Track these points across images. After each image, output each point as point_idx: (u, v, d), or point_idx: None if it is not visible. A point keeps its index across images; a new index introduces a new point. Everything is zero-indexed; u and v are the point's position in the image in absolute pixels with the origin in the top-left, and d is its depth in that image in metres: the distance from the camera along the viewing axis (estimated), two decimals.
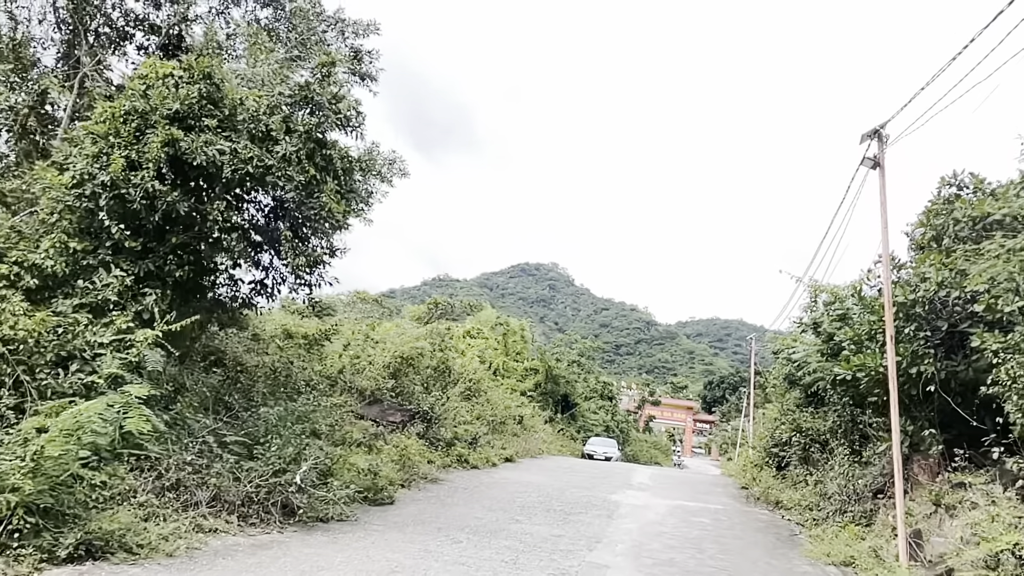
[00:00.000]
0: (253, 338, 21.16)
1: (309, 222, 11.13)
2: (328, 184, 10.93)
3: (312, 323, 28.32)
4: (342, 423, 16.49)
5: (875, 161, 12.60)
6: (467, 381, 26.99)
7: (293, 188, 10.56)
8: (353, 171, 11.81)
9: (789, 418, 20.61)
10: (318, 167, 10.89)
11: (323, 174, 11.08)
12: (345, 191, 11.77)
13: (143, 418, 8.49)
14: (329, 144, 11.11)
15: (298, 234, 11.61)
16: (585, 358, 55.45)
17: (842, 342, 15.57)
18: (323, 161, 11.02)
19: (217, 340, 19.51)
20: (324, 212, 10.78)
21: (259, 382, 15.45)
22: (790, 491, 18.29)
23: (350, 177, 11.81)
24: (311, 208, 10.86)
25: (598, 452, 40.72)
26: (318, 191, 10.86)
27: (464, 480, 17.72)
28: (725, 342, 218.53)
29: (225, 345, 19.03)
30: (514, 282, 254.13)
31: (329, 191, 10.85)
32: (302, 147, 10.65)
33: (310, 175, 10.66)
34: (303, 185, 10.69)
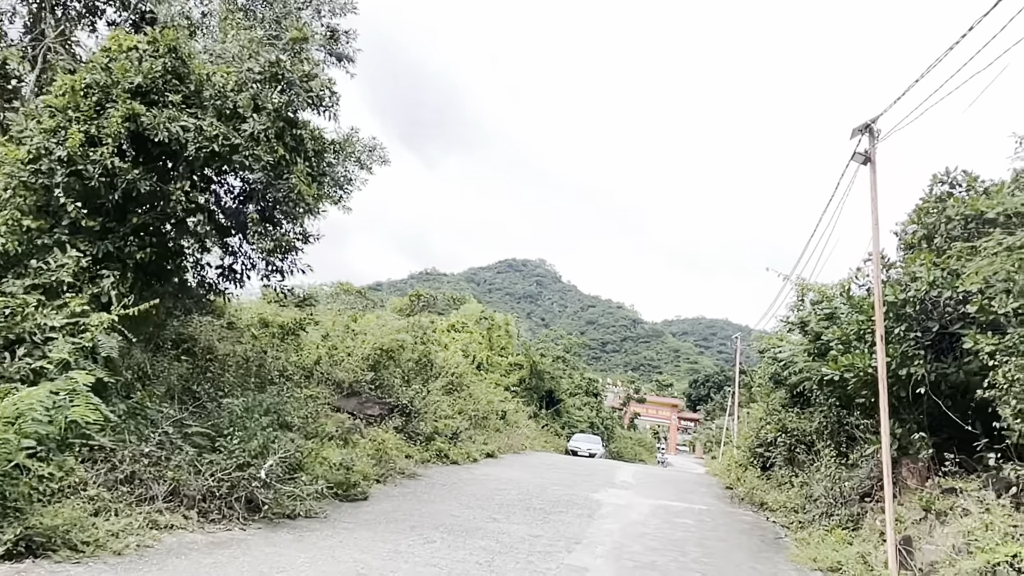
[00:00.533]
0: (229, 326, 20.61)
1: (278, 205, 10.58)
2: (298, 165, 10.40)
3: (292, 313, 27.84)
4: (316, 415, 15.99)
5: (866, 156, 12.20)
6: (449, 375, 26.51)
7: (260, 169, 10.03)
8: (325, 153, 11.27)
9: (775, 418, 20.28)
10: (287, 147, 10.35)
11: (293, 155, 10.54)
12: (317, 174, 11.24)
13: (91, 406, 7.95)
14: (300, 124, 10.56)
15: (266, 218, 11.06)
16: (571, 354, 55.09)
17: (830, 342, 15.20)
18: (293, 141, 10.49)
19: (192, 327, 19.02)
20: (293, 195, 10.24)
21: (229, 371, 14.93)
22: (775, 492, 17.94)
23: (322, 159, 11.28)
24: (279, 190, 10.32)
25: (582, 449, 40.38)
26: (287, 173, 10.33)
27: (443, 476, 17.26)
28: (710, 341, 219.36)
29: (199, 333, 18.51)
30: (501, 277, 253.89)
31: (299, 173, 10.32)
32: (271, 126, 10.11)
33: (279, 155, 10.13)
34: (271, 166, 10.16)
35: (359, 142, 18.10)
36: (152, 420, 10.35)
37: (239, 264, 12.14)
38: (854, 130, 12.03)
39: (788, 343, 19.51)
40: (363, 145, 18.10)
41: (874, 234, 11.85)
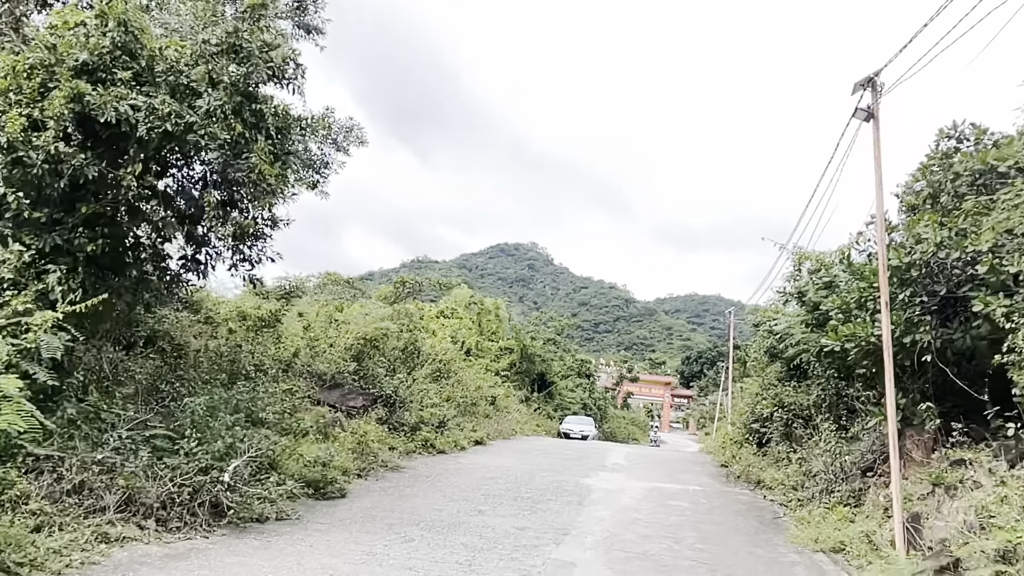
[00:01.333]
0: (206, 321, 19.88)
1: (237, 187, 9.80)
2: (259, 143, 9.62)
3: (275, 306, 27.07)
4: (294, 410, 15.30)
5: (869, 112, 11.53)
6: (437, 362, 25.83)
7: (217, 148, 9.26)
8: (290, 130, 10.49)
9: (771, 392, 19.70)
10: (246, 124, 9.57)
11: (253, 132, 9.76)
12: (281, 153, 10.45)
13: (22, 414, 7.22)
14: (260, 98, 9.77)
15: (224, 201, 10.27)
16: (562, 336, 54.49)
17: (829, 311, 14.59)
18: (252, 117, 9.70)
19: (167, 323, 18.28)
20: (254, 175, 9.46)
21: (200, 368, 14.22)
22: (772, 469, 17.39)
23: (287, 137, 10.50)
24: (239, 171, 9.55)
25: (574, 431, 39.86)
26: (247, 151, 9.55)
27: (428, 467, 16.62)
28: (703, 318, 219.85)
29: (175, 328, 17.78)
30: (493, 263, 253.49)
31: (260, 151, 9.54)
32: (227, 101, 9.33)
33: (236, 132, 9.36)
34: (228, 144, 9.40)
35: (335, 123, 17.26)
36: (110, 423, 9.66)
37: (203, 254, 11.36)
38: (856, 84, 11.35)
39: (784, 315, 18.91)
40: (340, 126, 17.27)
41: (877, 194, 11.20)
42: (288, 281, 38.97)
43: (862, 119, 11.93)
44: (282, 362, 17.11)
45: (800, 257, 17.31)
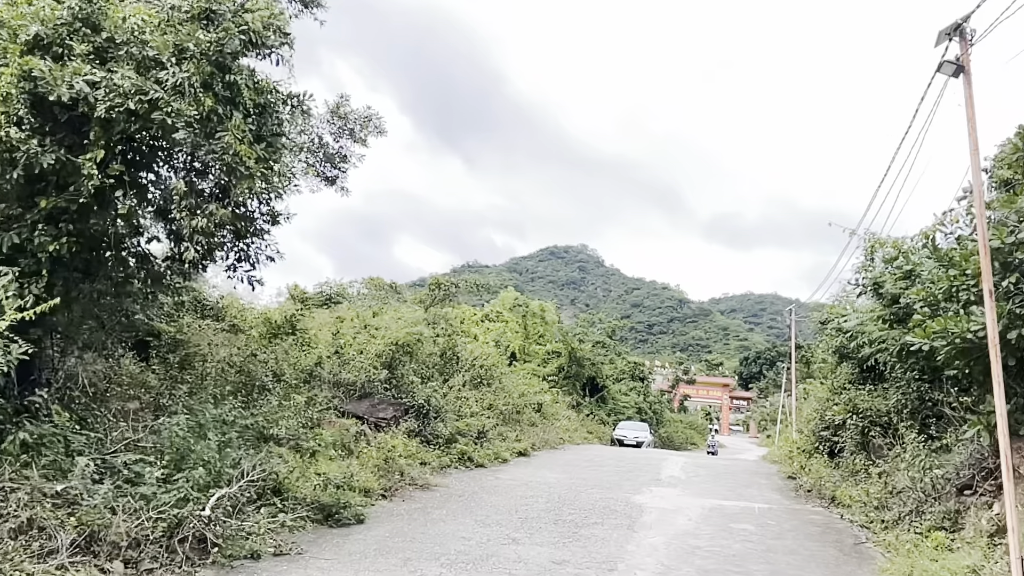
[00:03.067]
0: (231, 329, 18.83)
1: (209, 172, 8.47)
2: (233, 120, 8.30)
3: (323, 314, 26.04)
4: (314, 423, 14.05)
5: (957, 64, 9.72)
6: (478, 368, 24.41)
7: (184, 126, 7.97)
8: (274, 107, 9.15)
9: (843, 397, 17.72)
10: (218, 98, 8.27)
11: (228, 108, 8.46)
12: (268, 134, 9.12)
13: None
14: (234, 69, 8.45)
15: (196, 188, 8.99)
16: (613, 338, 52.59)
17: (911, 305, 12.73)
18: (226, 90, 8.40)
19: (190, 332, 17.28)
20: (228, 157, 8.14)
21: (207, 379, 13.07)
22: (848, 484, 15.48)
23: (270, 115, 9.17)
24: (211, 152, 8.25)
25: (628, 437, 38.13)
26: (220, 130, 8.25)
27: (462, 483, 15.17)
28: (760, 317, 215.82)
29: (198, 337, 16.75)
30: (543, 266, 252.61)
31: (234, 129, 8.22)
32: (195, 73, 8.04)
33: (207, 108, 8.06)
34: (198, 122, 8.10)
35: (352, 113, 15.99)
36: (81, 447, 8.45)
37: (189, 251, 10.10)
38: (941, 33, 9.58)
39: (855, 311, 16.98)
40: (357, 116, 15.99)
41: (973, 162, 9.38)
42: (329, 287, 38.32)
43: (949, 74, 10.12)
44: (303, 371, 15.87)
45: (873, 244, 15.37)
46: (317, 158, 15.84)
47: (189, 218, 8.35)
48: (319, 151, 15.75)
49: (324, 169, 16.05)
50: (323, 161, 15.89)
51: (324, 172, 16.11)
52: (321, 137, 15.75)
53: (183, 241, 9.61)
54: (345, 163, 16.21)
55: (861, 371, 18.83)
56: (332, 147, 15.93)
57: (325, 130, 15.74)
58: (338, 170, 16.17)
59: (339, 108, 15.60)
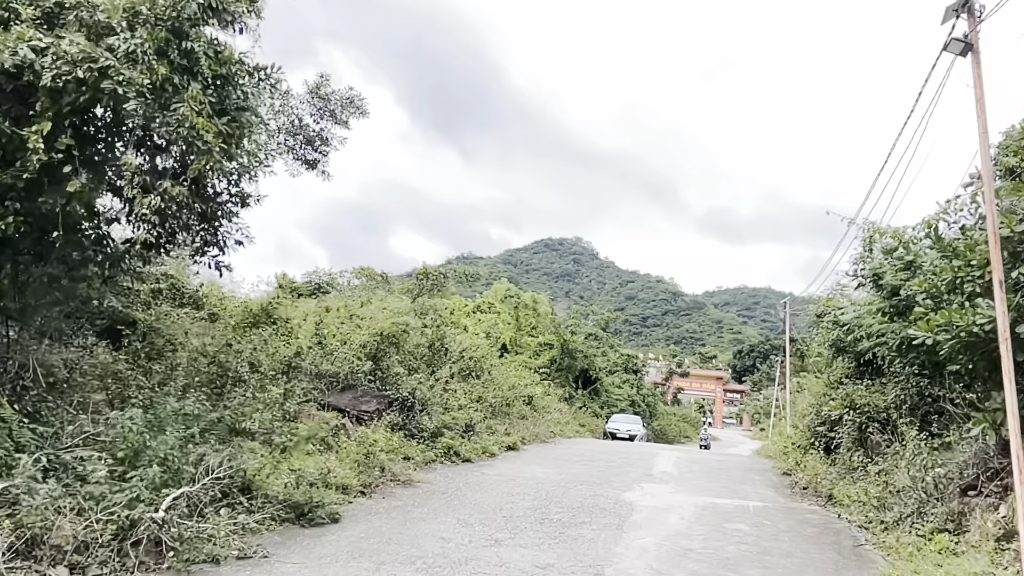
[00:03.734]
0: (210, 318, 18.27)
1: (170, 145, 7.85)
2: (189, 91, 7.69)
3: (310, 304, 25.42)
4: (291, 416, 13.49)
5: (965, 42, 9.19)
6: (467, 360, 23.85)
7: (136, 95, 7.36)
8: (236, 78, 8.53)
9: (840, 392, 17.23)
10: (174, 66, 7.67)
11: (185, 77, 7.85)
12: (231, 107, 8.50)
13: None
14: (192, 35, 7.83)
15: (153, 164, 8.36)
16: (607, 330, 52.06)
17: (913, 297, 12.23)
18: (182, 58, 7.78)
19: (168, 320, 16.72)
20: (184, 131, 7.53)
21: (178, 371, 12.48)
22: (845, 482, 15.01)
23: (232, 86, 8.55)
24: (165, 125, 7.64)
25: (621, 430, 37.67)
26: (176, 100, 7.64)
27: (447, 479, 14.63)
28: (753, 310, 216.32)
29: (175, 326, 16.18)
30: (538, 258, 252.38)
31: (191, 100, 7.62)
32: (148, 39, 7.43)
33: (160, 77, 7.45)
34: (151, 92, 7.49)
35: (333, 94, 15.34)
36: (23, 445, 7.86)
37: (153, 234, 9.51)
38: (948, 9, 9.09)
39: (852, 303, 16.47)
40: (339, 97, 15.34)
41: (982, 146, 8.88)
42: (318, 276, 37.65)
43: (956, 53, 9.62)
44: (282, 362, 15.29)
45: (873, 234, 14.82)
46: (297, 140, 15.20)
47: (142, 196, 7.73)
48: (299, 133, 15.11)
49: (304, 152, 15.41)
50: (303, 144, 15.25)
51: (304, 155, 15.47)
52: (301, 118, 15.11)
53: (141, 221, 9.01)
54: (327, 146, 15.56)
55: (858, 365, 18.36)
56: (312, 129, 15.28)
57: (305, 111, 15.09)
58: (319, 153, 15.52)
59: (319, 88, 14.94)
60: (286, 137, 15.11)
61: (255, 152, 10.31)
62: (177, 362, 12.59)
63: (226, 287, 24.40)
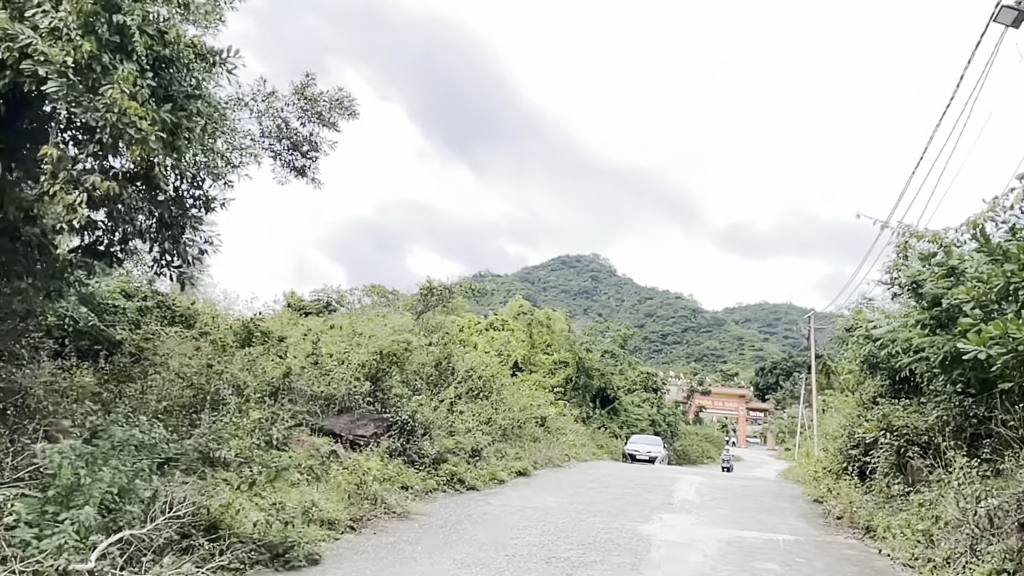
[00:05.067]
0: (202, 336, 17.29)
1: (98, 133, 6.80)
2: (120, 71, 6.69)
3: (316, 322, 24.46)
4: (277, 443, 12.43)
5: (1019, 10, 8.05)
6: (476, 379, 22.70)
7: (57, 75, 6.37)
8: (183, 62, 7.51)
9: (876, 413, 15.90)
10: (103, 43, 6.67)
11: (117, 56, 6.86)
12: (179, 94, 7.48)
13: None
14: (124, 8, 6.81)
15: (77, 152, 7.32)
16: (624, 348, 50.69)
17: (958, 306, 11.02)
18: (112, 34, 6.77)
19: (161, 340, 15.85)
20: (114, 116, 6.52)
21: (151, 394, 11.49)
22: (884, 512, 13.67)
23: (180, 71, 7.55)
24: (90, 110, 6.63)
25: (641, 452, 36.33)
26: (103, 82, 6.64)
27: (447, 511, 13.47)
28: (775, 327, 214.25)
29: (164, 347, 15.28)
30: (555, 275, 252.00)
31: (122, 81, 6.61)
32: (72, 13, 6.44)
33: (84, 54, 6.46)
34: (76, 71, 6.49)
35: (322, 95, 14.38)
36: None
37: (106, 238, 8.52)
38: None
39: (886, 316, 15.20)
40: (327, 98, 14.38)
41: None
42: (326, 294, 36.77)
43: (1007, 23, 8.48)
44: (270, 384, 14.26)
45: (908, 237, 13.54)
46: (283, 145, 14.24)
47: (64, 193, 6.72)
48: (285, 137, 14.15)
49: (292, 158, 14.44)
50: (289, 149, 14.28)
51: (292, 161, 14.50)
52: (287, 121, 14.15)
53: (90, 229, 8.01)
54: (316, 151, 14.58)
55: (893, 383, 17.04)
56: (300, 133, 14.31)
57: (291, 113, 14.13)
58: (307, 159, 14.53)
59: (305, 89, 13.98)
60: (271, 141, 14.16)
61: (223, 151, 9.30)
62: (150, 384, 11.57)
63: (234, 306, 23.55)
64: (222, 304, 21.64)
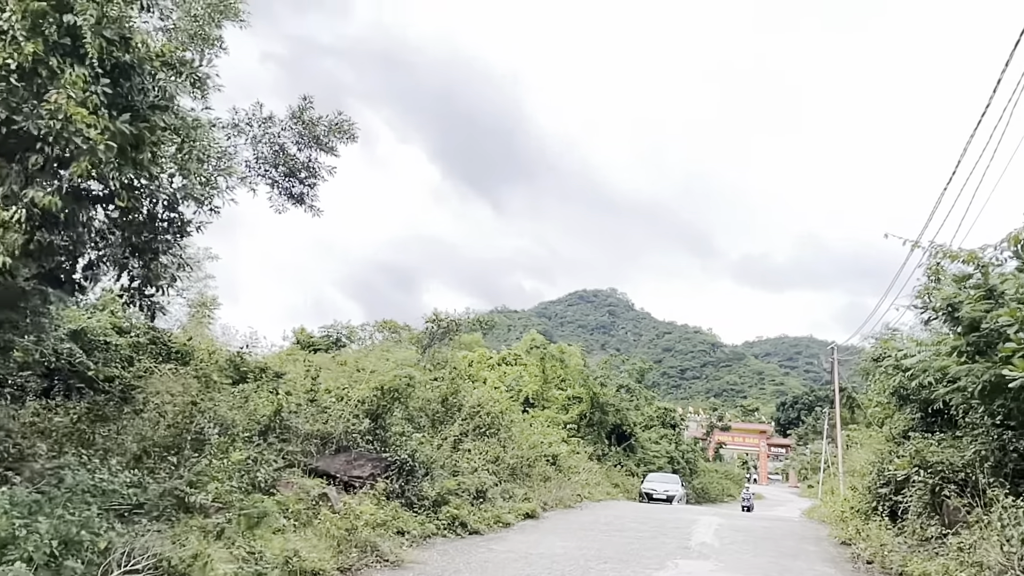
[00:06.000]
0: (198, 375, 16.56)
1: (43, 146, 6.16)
2: (67, 75, 6.05)
3: (323, 357, 23.76)
4: (261, 485, 11.62)
5: None
6: (484, 416, 21.78)
7: None
8: (146, 70, 6.88)
9: (909, 448, 14.83)
10: (49, 45, 6.06)
11: (64, 60, 6.24)
12: (142, 105, 6.85)
13: None
14: (76, 7, 6.21)
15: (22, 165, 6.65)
16: (640, 383, 49.52)
17: (999, 330, 10.11)
18: (62, 35, 6.17)
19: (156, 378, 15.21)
20: (59, 123, 5.87)
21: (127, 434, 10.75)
22: (919, 556, 12.57)
23: (143, 79, 6.92)
24: (33, 117, 5.98)
25: (658, 491, 35.09)
26: (48, 86, 6.01)
27: (445, 558, 12.51)
28: (795, 361, 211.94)
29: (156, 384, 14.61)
30: (572, 310, 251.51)
31: (70, 85, 5.98)
32: (17, 12, 5.83)
33: (29, 55, 5.84)
34: (18, 75, 5.86)
35: (321, 120, 13.81)
36: None
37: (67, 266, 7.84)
38: None
39: (917, 344, 14.24)
40: (326, 122, 13.80)
41: None
42: (336, 329, 36.09)
43: None
44: (260, 423, 13.48)
45: (941, 257, 12.62)
46: (280, 172, 13.65)
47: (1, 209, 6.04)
48: (280, 164, 13.56)
49: (289, 185, 13.84)
50: (287, 175, 13.68)
51: (289, 188, 13.90)
52: (283, 147, 13.57)
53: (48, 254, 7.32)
54: (314, 178, 13.97)
55: (925, 416, 16.01)
56: (297, 159, 13.72)
57: (288, 139, 13.55)
58: (305, 185, 13.92)
59: (303, 112, 13.41)
60: (267, 168, 13.57)
61: (203, 172, 8.65)
62: (124, 424, 10.83)
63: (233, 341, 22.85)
64: (221, 340, 20.95)
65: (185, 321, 26.25)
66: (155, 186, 7.88)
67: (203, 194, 8.93)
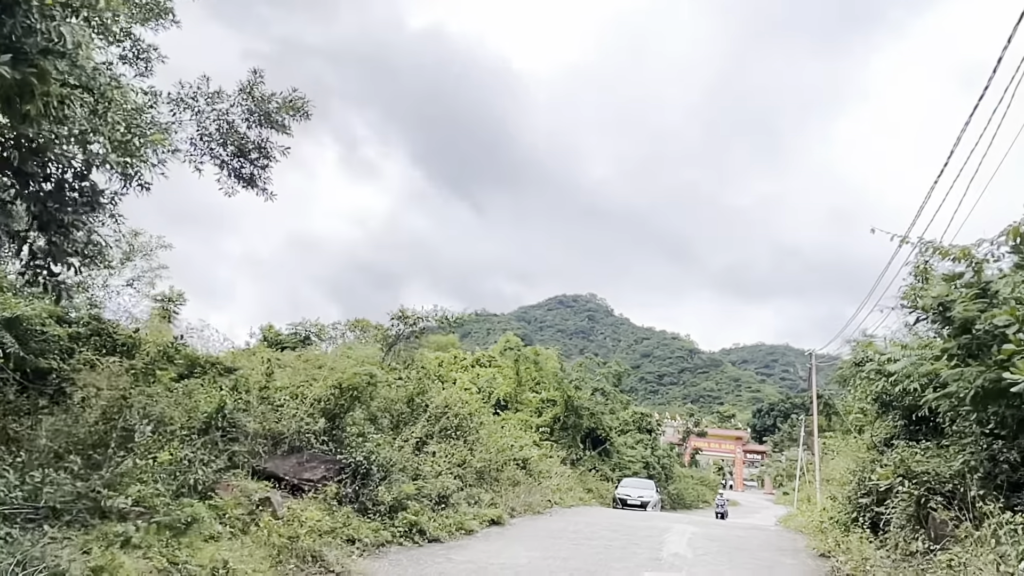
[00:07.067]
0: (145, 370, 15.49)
1: None
2: None
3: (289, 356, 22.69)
4: (196, 487, 10.65)
5: None
6: (451, 417, 20.84)
7: None
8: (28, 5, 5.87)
9: (892, 457, 14.10)
10: None
11: None
12: (31, 49, 5.87)
13: None
14: None
15: None
16: (617, 387, 48.74)
17: (994, 331, 9.38)
18: None
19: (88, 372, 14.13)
20: None
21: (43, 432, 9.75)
22: (904, 572, 11.82)
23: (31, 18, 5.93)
24: None
25: (632, 496, 34.32)
26: None
27: (398, 569, 11.56)
28: (772, 368, 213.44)
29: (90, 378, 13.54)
30: (552, 315, 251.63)
31: None
32: None
33: None
34: None
35: (274, 97, 12.84)
36: None
37: None
38: None
39: (902, 347, 13.52)
40: (279, 99, 12.82)
41: None
42: (303, 327, 34.94)
43: None
44: (203, 421, 12.48)
45: (930, 254, 11.86)
46: (228, 151, 12.67)
47: None
48: (229, 143, 12.58)
49: (238, 164, 12.86)
50: (235, 155, 12.70)
51: (239, 169, 12.92)
52: (232, 124, 12.59)
53: None
54: (266, 158, 13.00)
55: (908, 423, 15.32)
56: (248, 138, 12.75)
57: (237, 115, 12.57)
58: (256, 166, 12.95)
59: (253, 87, 12.45)
60: (214, 146, 12.59)
61: (119, 138, 7.70)
62: (39, 419, 9.83)
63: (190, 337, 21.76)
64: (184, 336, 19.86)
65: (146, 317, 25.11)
66: (59, 150, 6.91)
67: (120, 162, 7.96)
